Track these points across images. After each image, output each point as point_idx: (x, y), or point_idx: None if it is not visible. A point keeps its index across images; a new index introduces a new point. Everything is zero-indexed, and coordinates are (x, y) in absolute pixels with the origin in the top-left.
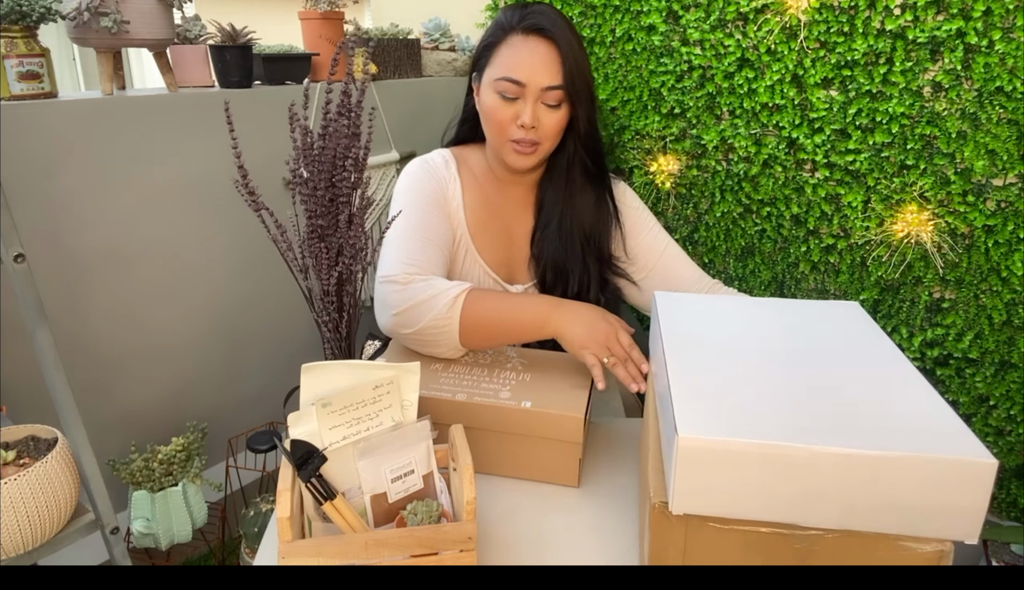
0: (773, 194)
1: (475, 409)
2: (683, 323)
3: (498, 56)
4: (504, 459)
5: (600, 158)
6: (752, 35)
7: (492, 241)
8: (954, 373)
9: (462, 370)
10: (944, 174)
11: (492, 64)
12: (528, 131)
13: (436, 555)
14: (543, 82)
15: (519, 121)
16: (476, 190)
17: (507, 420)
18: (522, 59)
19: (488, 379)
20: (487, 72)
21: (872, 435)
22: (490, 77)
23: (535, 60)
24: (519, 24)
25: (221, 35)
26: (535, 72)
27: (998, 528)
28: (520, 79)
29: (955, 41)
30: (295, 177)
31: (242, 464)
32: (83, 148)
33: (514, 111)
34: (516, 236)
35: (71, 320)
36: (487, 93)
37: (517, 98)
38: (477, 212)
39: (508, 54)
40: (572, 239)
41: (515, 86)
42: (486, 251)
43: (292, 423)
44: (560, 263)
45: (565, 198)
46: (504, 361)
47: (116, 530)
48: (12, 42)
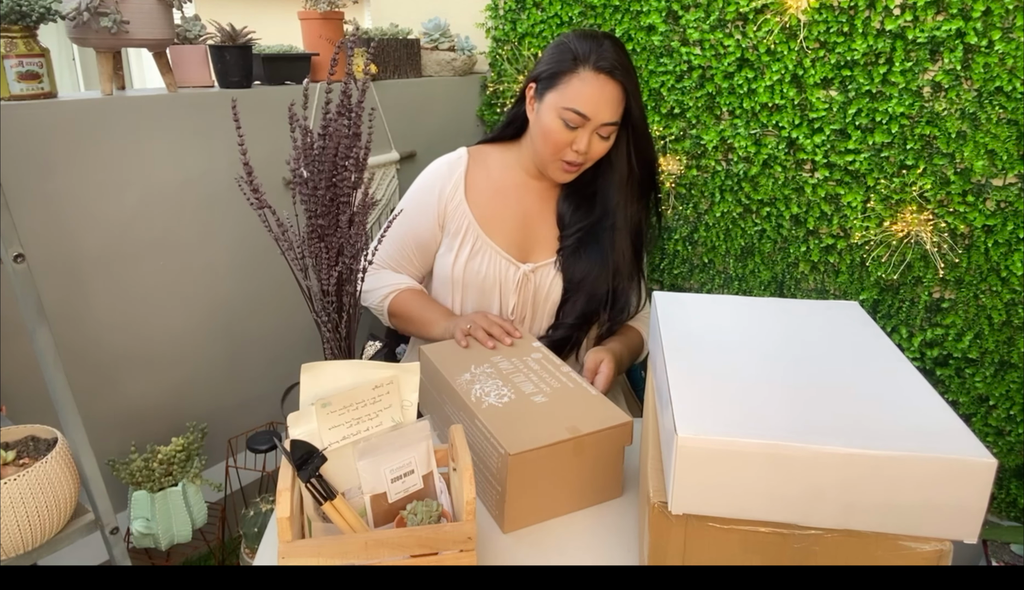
0: (773, 194)
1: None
2: (683, 323)
3: (568, 85)
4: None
5: (654, 173)
6: (752, 35)
7: (504, 226)
8: (954, 373)
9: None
10: (944, 174)
11: (559, 90)
12: (579, 155)
13: (436, 555)
14: (604, 119)
15: (574, 147)
16: (487, 184)
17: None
18: (592, 96)
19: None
20: (552, 95)
21: (872, 435)
22: (556, 102)
23: (603, 98)
24: (594, 63)
25: (221, 35)
26: (600, 110)
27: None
28: (587, 114)
29: (955, 41)
30: (295, 177)
31: (242, 464)
32: (83, 148)
33: (572, 138)
34: (533, 221)
35: (71, 320)
36: (549, 115)
37: (577, 127)
38: (485, 203)
39: (579, 87)
40: (622, 252)
41: (580, 118)
42: (498, 235)
43: (292, 423)
44: (603, 277)
45: (617, 212)
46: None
47: (116, 530)
48: (12, 42)
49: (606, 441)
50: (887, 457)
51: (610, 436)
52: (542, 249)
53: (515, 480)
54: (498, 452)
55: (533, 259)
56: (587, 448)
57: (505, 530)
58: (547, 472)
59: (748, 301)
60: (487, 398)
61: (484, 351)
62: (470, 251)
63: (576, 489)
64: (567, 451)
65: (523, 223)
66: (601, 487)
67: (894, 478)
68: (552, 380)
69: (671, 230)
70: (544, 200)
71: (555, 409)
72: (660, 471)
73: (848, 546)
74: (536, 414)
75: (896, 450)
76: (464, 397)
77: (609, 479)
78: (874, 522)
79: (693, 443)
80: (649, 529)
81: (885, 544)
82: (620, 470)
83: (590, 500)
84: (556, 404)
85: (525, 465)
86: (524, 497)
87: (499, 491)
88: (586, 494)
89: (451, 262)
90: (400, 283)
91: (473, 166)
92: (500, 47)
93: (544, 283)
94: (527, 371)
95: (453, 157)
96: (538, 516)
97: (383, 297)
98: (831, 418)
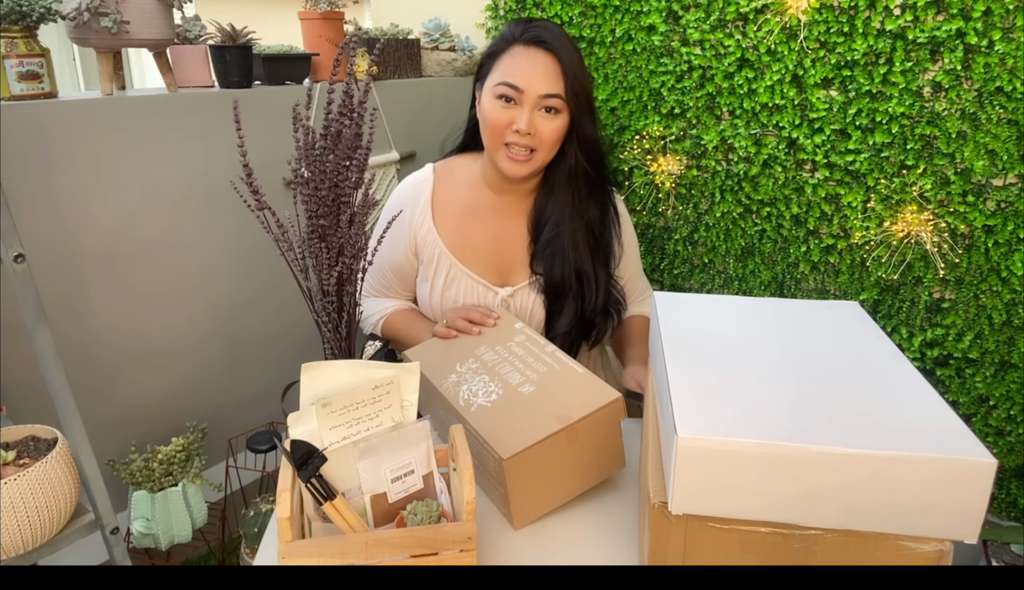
0: (773, 194)
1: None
2: (682, 323)
3: (499, 64)
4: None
5: (603, 168)
6: (752, 35)
7: (477, 250)
8: (954, 373)
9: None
10: (944, 174)
11: (493, 72)
12: (523, 137)
13: (436, 555)
14: (541, 89)
15: (515, 126)
16: (455, 206)
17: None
18: (522, 67)
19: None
20: (488, 79)
21: (872, 435)
22: (490, 84)
23: (535, 68)
24: (522, 36)
25: (221, 35)
26: (534, 80)
27: (998, 528)
28: (518, 85)
29: (955, 41)
30: (296, 177)
31: (242, 464)
32: (83, 148)
33: (511, 116)
34: (507, 240)
35: (71, 320)
36: (487, 99)
37: (515, 103)
38: (455, 229)
39: (509, 62)
40: (580, 250)
41: (513, 91)
42: (471, 261)
43: (292, 423)
44: (569, 277)
45: (571, 211)
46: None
47: (116, 530)
48: (12, 42)
49: (599, 422)
50: (887, 457)
51: (602, 416)
52: (519, 270)
53: (515, 481)
54: (493, 457)
55: (511, 282)
56: (581, 433)
57: (516, 527)
58: (546, 465)
59: (748, 301)
60: (475, 399)
61: (467, 346)
62: (445, 280)
63: (580, 472)
64: (561, 441)
65: (496, 245)
66: (605, 464)
67: (894, 478)
68: (538, 364)
69: (671, 230)
70: (515, 218)
71: (544, 398)
72: (660, 471)
73: (848, 546)
74: (525, 407)
75: (896, 450)
76: (453, 402)
77: (610, 455)
78: (874, 522)
79: (693, 443)
80: (649, 529)
81: (885, 544)
82: (619, 443)
83: (596, 477)
84: (544, 392)
85: (522, 465)
86: (528, 493)
87: (502, 492)
88: (590, 474)
89: (428, 292)
90: (387, 308)
91: (440, 186)
92: None
93: (526, 305)
94: (512, 359)
95: (419, 179)
96: (547, 505)
97: (374, 325)
98: (831, 418)
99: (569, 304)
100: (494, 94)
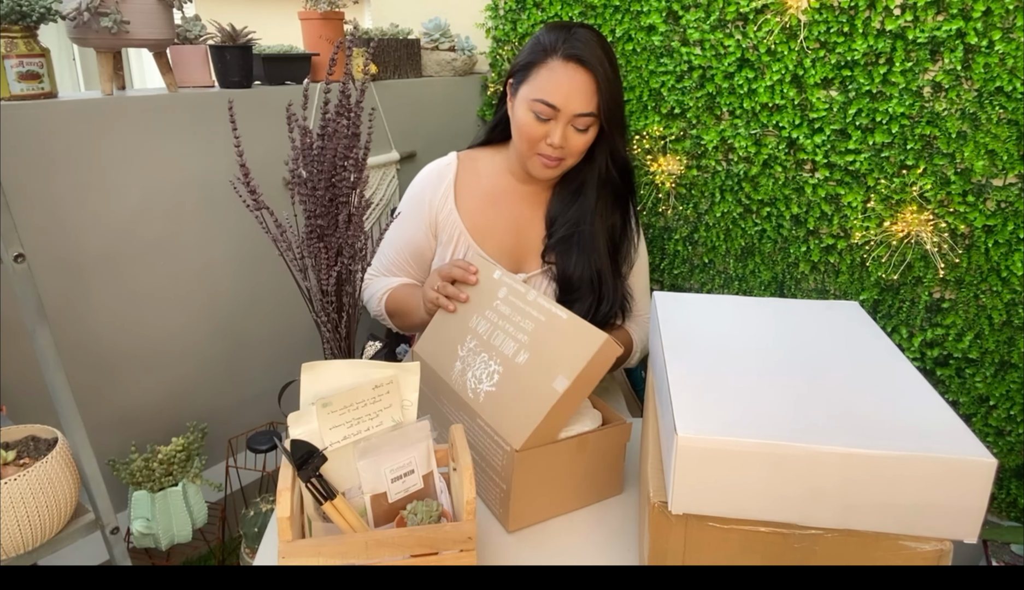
0: (773, 194)
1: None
2: (683, 323)
3: (537, 76)
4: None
5: (630, 177)
6: (752, 35)
7: (496, 235)
8: (954, 373)
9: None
10: (944, 174)
11: (530, 82)
12: (556, 149)
13: (436, 555)
14: (576, 109)
15: (548, 140)
16: (477, 191)
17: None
18: (560, 85)
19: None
20: (524, 89)
21: (872, 435)
22: (526, 95)
23: (572, 87)
24: (561, 51)
25: (221, 35)
26: (570, 99)
27: (998, 528)
28: (555, 104)
29: (955, 41)
30: (294, 177)
31: (242, 464)
32: (83, 148)
33: (545, 130)
34: (524, 228)
35: (71, 320)
36: (522, 109)
37: (549, 119)
38: (476, 212)
39: (547, 77)
40: (601, 253)
41: (549, 109)
42: (489, 245)
43: (292, 423)
44: (589, 275)
45: (595, 215)
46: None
47: (116, 530)
48: (12, 42)
49: (608, 438)
50: (887, 457)
51: (612, 434)
52: (534, 258)
53: (520, 476)
54: (503, 449)
55: (525, 269)
56: (591, 445)
57: (510, 528)
58: (552, 467)
59: (748, 301)
60: (481, 386)
61: (461, 325)
62: (463, 258)
63: (579, 485)
64: (571, 448)
65: (514, 231)
66: (604, 484)
67: (894, 478)
68: (525, 321)
69: (671, 230)
70: (535, 206)
71: (540, 364)
72: (660, 471)
73: (848, 546)
74: (527, 381)
75: (896, 450)
76: (461, 394)
77: (611, 475)
78: (874, 522)
79: (693, 443)
80: (649, 529)
81: (885, 544)
82: (621, 467)
83: (592, 497)
84: (539, 357)
85: (531, 461)
86: (529, 494)
87: (504, 488)
88: (588, 491)
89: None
90: (392, 282)
91: (463, 172)
92: (500, 47)
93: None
94: (502, 322)
95: (443, 163)
96: (541, 514)
97: (379, 301)
98: (831, 418)
99: (583, 300)
100: (530, 108)
